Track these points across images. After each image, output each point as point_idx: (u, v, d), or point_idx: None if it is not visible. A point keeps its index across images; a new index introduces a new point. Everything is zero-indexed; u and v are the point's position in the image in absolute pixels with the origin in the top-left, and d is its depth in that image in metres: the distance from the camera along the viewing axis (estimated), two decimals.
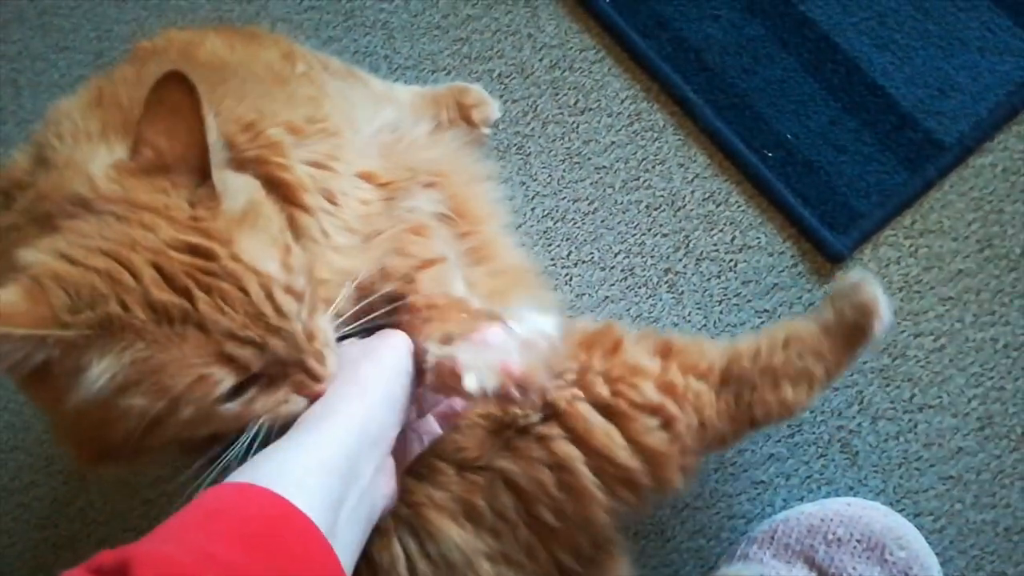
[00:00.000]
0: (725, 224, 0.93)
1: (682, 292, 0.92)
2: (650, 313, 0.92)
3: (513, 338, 0.55)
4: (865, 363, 0.87)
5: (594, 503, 0.67)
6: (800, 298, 0.90)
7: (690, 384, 0.70)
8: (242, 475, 0.48)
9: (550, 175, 0.96)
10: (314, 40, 1.03)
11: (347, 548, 0.50)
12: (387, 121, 0.75)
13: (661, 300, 0.92)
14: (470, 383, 0.52)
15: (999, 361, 0.86)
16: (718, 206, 0.93)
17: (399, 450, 0.59)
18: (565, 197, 0.96)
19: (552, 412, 0.68)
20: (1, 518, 0.97)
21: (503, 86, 0.99)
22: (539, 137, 0.97)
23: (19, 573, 0.96)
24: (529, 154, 0.97)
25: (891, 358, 0.87)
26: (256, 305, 0.50)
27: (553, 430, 0.67)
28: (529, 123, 0.98)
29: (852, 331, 0.72)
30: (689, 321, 0.91)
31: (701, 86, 0.96)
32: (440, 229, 0.69)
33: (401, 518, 0.62)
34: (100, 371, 0.48)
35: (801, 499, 0.86)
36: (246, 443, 0.53)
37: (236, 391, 0.52)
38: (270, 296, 0.51)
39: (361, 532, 0.53)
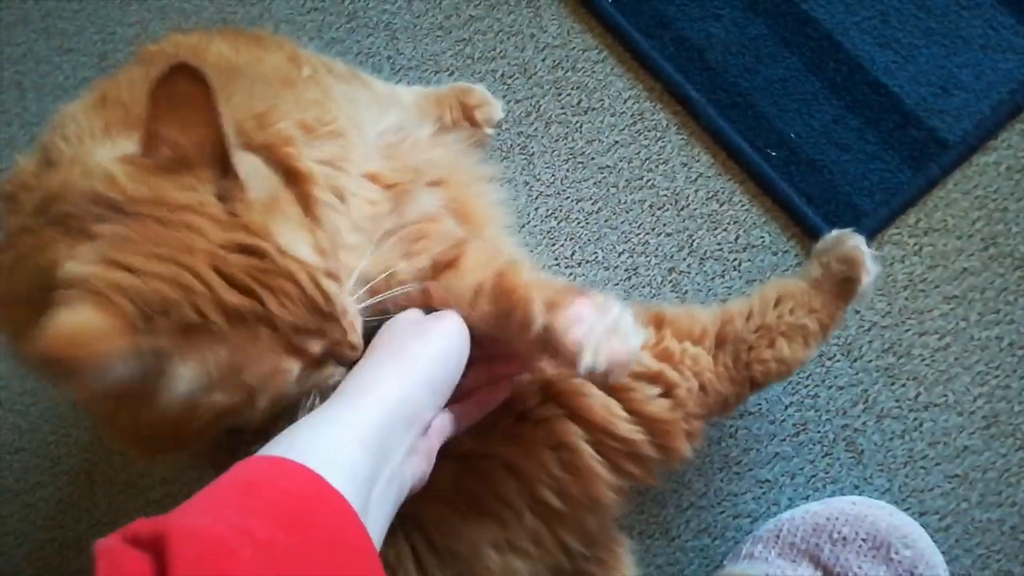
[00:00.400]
0: (729, 223, 0.93)
1: (686, 292, 0.92)
2: None
3: (603, 315, 0.57)
4: (870, 362, 0.87)
5: (599, 481, 0.67)
6: None
7: (687, 349, 0.70)
8: (278, 448, 0.48)
9: (553, 175, 0.96)
10: (317, 41, 1.03)
11: (376, 527, 0.50)
12: (391, 123, 0.75)
13: (665, 299, 0.92)
14: (587, 361, 0.54)
15: (1004, 359, 0.86)
16: (722, 205, 0.93)
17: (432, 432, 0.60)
18: (568, 197, 0.96)
19: (550, 392, 0.68)
20: (7, 519, 0.97)
21: (506, 86, 0.99)
22: (542, 137, 0.97)
23: (25, 573, 0.96)
24: (532, 154, 0.97)
25: (896, 357, 0.87)
26: (310, 297, 0.52)
27: (552, 410, 0.67)
28: (532, 123, 0.98)
29: (840, 283, 0.74)
30: None
31: (704, 85, 0.96)
32: (450, 219, 0.69)
33: (406, 512, 0.63)
34: (187, 376, 0.49)
35: (806, 498, 0.86)
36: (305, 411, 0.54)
37: None
38: (317, 285, 0.52)
39: (390, 512, 0.53)
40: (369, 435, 0.50)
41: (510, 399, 0.66)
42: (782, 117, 0.94)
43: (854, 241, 0.75)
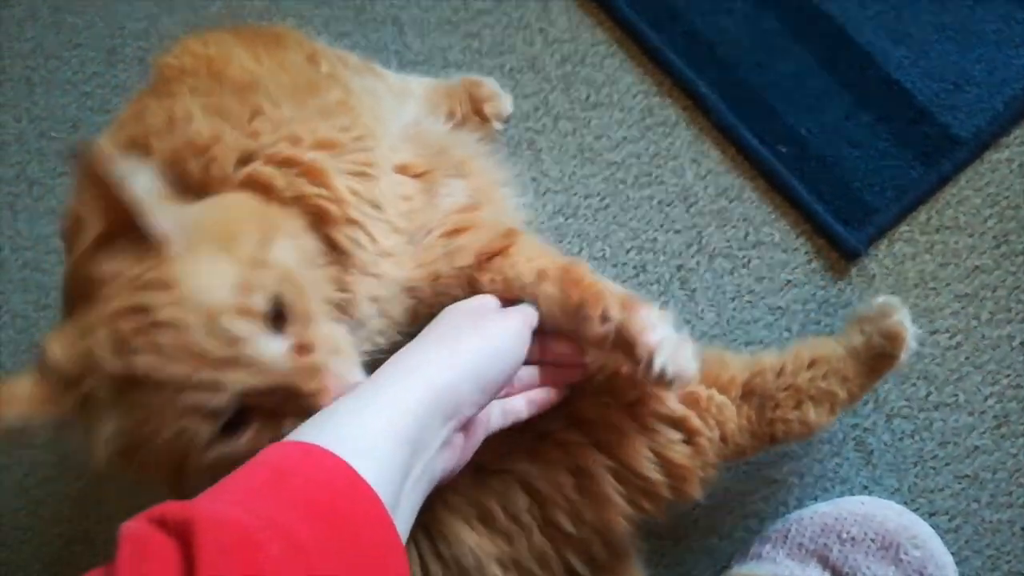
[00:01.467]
0: (738, 220, 0.92)
1: (695, 289, 0.91)
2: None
3: (667, 326, 0.59)
4: None
5: (615, 509, 0.68)
6: (814, 295, 0.89)
7: (713, 396, 0.71)
8: (314, 429, 0.46)
9: (561, 171, 0.96)
10: (325, 36, 1.03)
11: (404, 521, 0.49)
12: (410, 118, 0.75)
13: (674, 297, 0.91)
14: (658, 365, 0.57)
15: (1016, 359, 0.85)
16: (731, 202, 0.93)
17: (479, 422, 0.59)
18: (576, 193, 0.95)
19: (577, 419, 0.68)
20: (16, 514, 0.97)
21: (514, 81, 0.98)
22: (550, 132, 0.97)
23: (34, 568, 0.96)
24: (540, 150, 0.97)
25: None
26: (198, 344, 0.48)
27: (577, 437, 0.67)
28: (540, 118, 0.97)
29: (879, 357, 0.74)
30: (702, 318, 0.90)
31: (714, 80, 0.95)
32: (488, 207, 0.69)
33: (416, 519, 0.62)
34: (97, 440, 0.51)
35: (815, 498, 0.85)
36: None
37: (232, 429, 0.50)
38: (213, 329, 0.49)
39: (417, 505, 0.52)
40: (408, 424, 0.48)
41: (534, 419, 0.66)
42: (793, 113, 0.93)
43: (899, 316, 0.74)
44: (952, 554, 0.78)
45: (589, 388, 0.68)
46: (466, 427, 0.56)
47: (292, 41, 0.75)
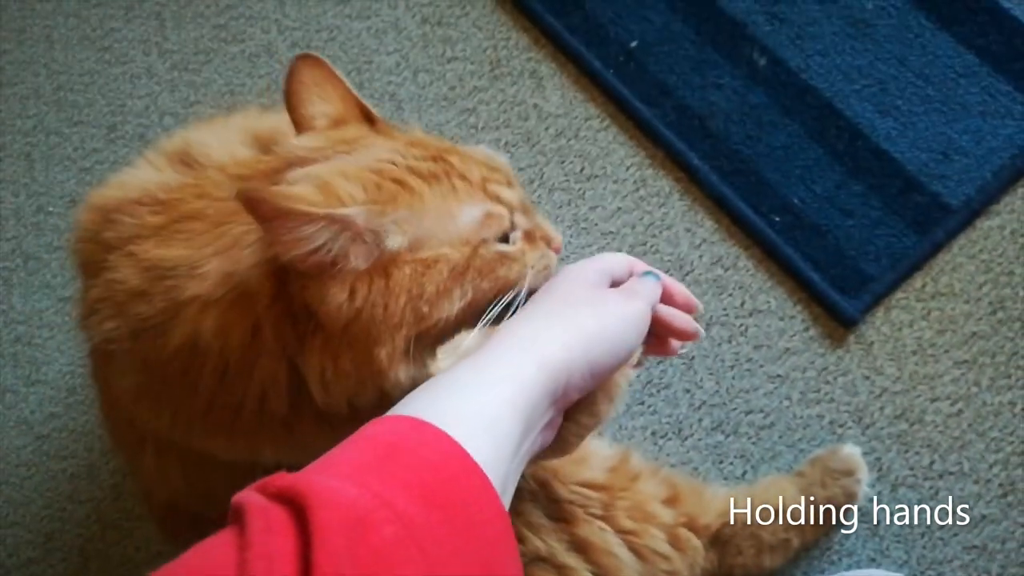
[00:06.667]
0: (734, 288, 0.92)
1: (693, 358, 0.91)
2: (661, 379, 0.91)
3: None
4: (882, 429, 0.86)
5: None
6: (813, 363, 0.89)
7: (690, 540, 0.76)
8: (427, 405, 0.44)
9: None
10: None
11: (509, 500, 0.46)
12: None
13: (672, 367, 0.91)
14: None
15: (1018, 425, 0.85)
16: (726, 270, 0.93)
17: None
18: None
19: (579, 544, 0.70)
20: (20, 451, 0.96)
21: (510, 155, 1.00)
22: (546, 204, 0.98)
23: (37, 504, 0.95)
24: None
25: (909, 423, 0.86)
26: (487, 161, 0.57)
27: (577, 561, 0.69)
28: (536, 191, 0.98)
29: (835, 510, 0.81)
30: (701, 387, 0.90)
31: (706, 152, 0.96)
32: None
33: None
34: (398, 229, 0.51)
35: (822, 572, 0.83)
36: (519, 302, 0.55)
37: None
38: (492, 160, 0.58)
39: (516, 482, 0.48)
40: (525, 401, 0.46)
41: (525, 537, 0.67)
42: (785, 183, 0.94)
43: (861, 474, 0.81)
44: None
45: (591, 514, 0.71)
46: None
47: None
